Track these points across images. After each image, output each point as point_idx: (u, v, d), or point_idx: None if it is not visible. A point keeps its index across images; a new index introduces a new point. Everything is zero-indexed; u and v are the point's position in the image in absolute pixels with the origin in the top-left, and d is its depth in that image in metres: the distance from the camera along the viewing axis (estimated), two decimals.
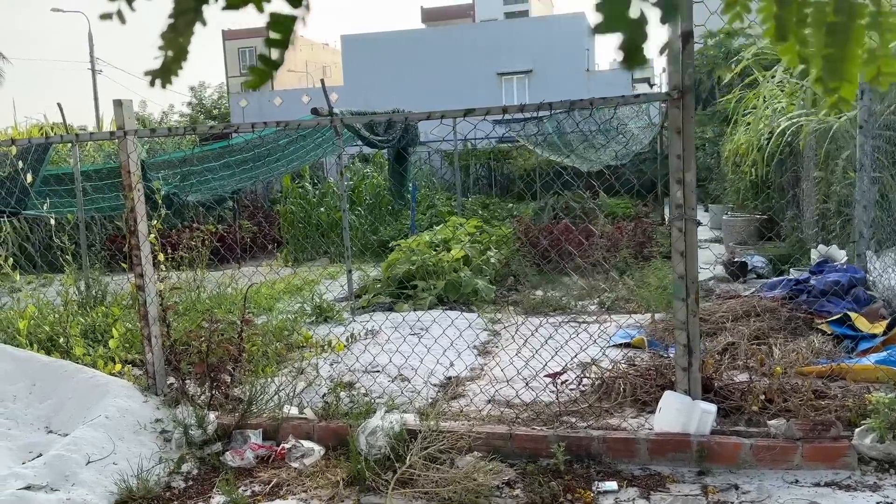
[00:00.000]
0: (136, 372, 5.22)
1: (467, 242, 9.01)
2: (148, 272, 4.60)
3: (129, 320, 5.75)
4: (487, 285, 8.15)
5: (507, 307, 7.68)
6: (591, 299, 7.90)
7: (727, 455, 3.69)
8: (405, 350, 5.54)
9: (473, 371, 5.35)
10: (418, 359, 5.19)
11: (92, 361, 4.90)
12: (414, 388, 4.90)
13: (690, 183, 3.75)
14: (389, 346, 5.78)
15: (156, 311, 4.68)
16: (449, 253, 8.61)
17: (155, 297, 4.67)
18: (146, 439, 4.13)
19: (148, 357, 4.66)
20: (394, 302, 8.00)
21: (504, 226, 11.52)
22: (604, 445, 3.80)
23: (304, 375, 5.19)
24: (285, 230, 14.01)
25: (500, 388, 4.73)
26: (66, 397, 4.43)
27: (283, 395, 4.51)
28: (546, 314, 7.30)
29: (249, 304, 7.51)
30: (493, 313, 7.36)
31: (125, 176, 4.51)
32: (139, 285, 4.59)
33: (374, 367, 5.29)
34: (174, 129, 4.40)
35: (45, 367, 4.62)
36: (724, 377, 4.34)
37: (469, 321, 6.68)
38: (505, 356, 5.37)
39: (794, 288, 5.79)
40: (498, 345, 6.05)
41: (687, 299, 3.78)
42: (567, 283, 8.69)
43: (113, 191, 8.97)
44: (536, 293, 8.40)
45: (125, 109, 4.49)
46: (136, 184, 4.54)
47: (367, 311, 7.91)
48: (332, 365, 5.46)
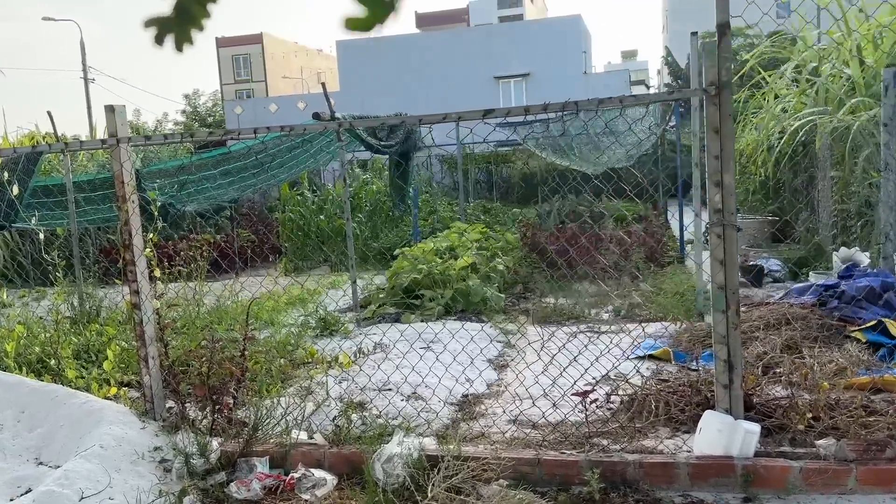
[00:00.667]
0: (133, 394, 4.93)
1: (474, 249, 8.72)
2: (144, 289, 4.31)
3: (125, 338, 5.45)
4: (497, 294, 7.86)
5: (518, 316, 7.39)
6: (605, 307, 7.62)
7: (775, 479, 3.41)
8: (418, 366, 5.24)
9: (491, 387, 5.06)
10: (432, 375, 4.90)
11: (85, 385, 4.60)
12: (430, 407, 4.60)
13: (729, 185, 3.48)
14: (400, 360, 5.49)
15: (153, 329, 4.39)
16: (456, 261, 8.33)
17: (152, 315, 4.38)
18: (144, 470, 3.83)
19: (145, 380, 4.36)
20: (400, 312, 7.71)
21: (510, 231, 11.25)
22: (640, 471, 3.51)
23: (311, 396, 4.89)
24: (284, 239, 13.72)
25: (522, 407, 4.44)
26: (58, 425, 4.13)
27: (290, 419, 4.21)
28: (560, 323, 7.02)
29: (251, 318, 7.25)
30: (505, 323, 7.08)
31: (118, 186, 4.22)
32: (135, 303, 4.30)
33: (386, 385, 5.00)
34: (170, 135, 4.12)
35: (35, 392, 4.32)
36: (763, 392, 4.06)
37: (481, 332, 6.41)
38: (523, 370, 5.08)
39: (824, 294, 5.52)
40: (514, 357, 5.76)
41: (727, 311, 3.50)
42: (578, 290, 8.41)
43: (106, 202, 8.67)
44: (547, 301, 8.12)
45: (118, 116, 4.20)
46: (131, 195, 4.25)
47: (372, 322, 7.62)
48: (341, 383, 5.16)
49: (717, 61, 3.42)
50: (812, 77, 9.53)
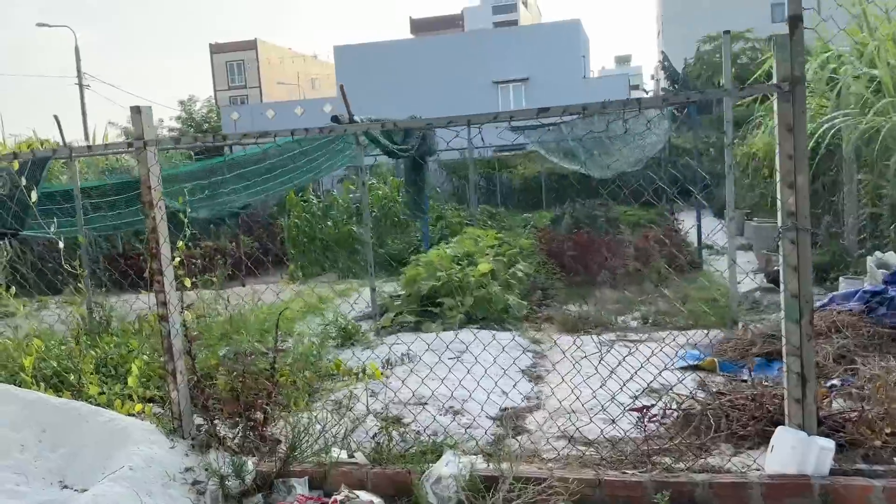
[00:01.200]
0: (156, 409, 4.69)
1: (492, 256, 8.52)
2: (172, 300, 4.08)
3: (144, 351, 5.22)
4: (519, 301, 7.66)
5: (542, 324, 7.19)
6: (630, 314, 7.43)
7: (854, 499, 3.21)
8: (449, 377, 5.03)
9: (530, 400, 4.85)
10: (465, 387, 4.69)
11: (107, 401, 4.36)
12: (468, 421, 4.38)
13: (803, 187, 3.29)
14: (429, 372, 5.28)
15: (181, 343, 4.16)
16: (473, 267, 8.12)
17: (180, 327, 4.15)
18: (177, 493, 3.60)
19: (173, 395, 4.13)
20: (420, 321, 7.49)
21: (524, 236, 11.05)
22: (710, 492, 3.30)
23: (344, 410, 4.67)
24: (291, 245, 13.49)
25: (568, 421, 4.23)
26: (82, 445, 3.89)
27: (328, 437, 3.98)
28: (587, 331, 6.82)
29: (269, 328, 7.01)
30: (529, 331, 6.88)
31: (145, 192, 4.00)
32: (162, 315, 4.07)
33: (421, 398, 4.78)
34: (202, 136, 3.90)
35: (56, 410, 4.08)
36: (828, 405, 3.86)
37: (509, 342, 6.19)
38: (561, 382, 4.87)
39: (871, 300, 5.34)
40: (548, 368, 5.55)
41: (801, 321, 3.30)
42: (599, 296, 8.22)
43: (113, 208, 8.42)
44: (569, 308, 7.92)
45: (144, 117, 3.98)
46: (158, 201, 4.02)
47: (391, 331, 7.41)
48: (373, 396, 4.94)
49: (790, 56, 3.23)
50: (835, 77, 9.37)
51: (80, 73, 36.52)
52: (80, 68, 36.52)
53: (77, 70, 36.54)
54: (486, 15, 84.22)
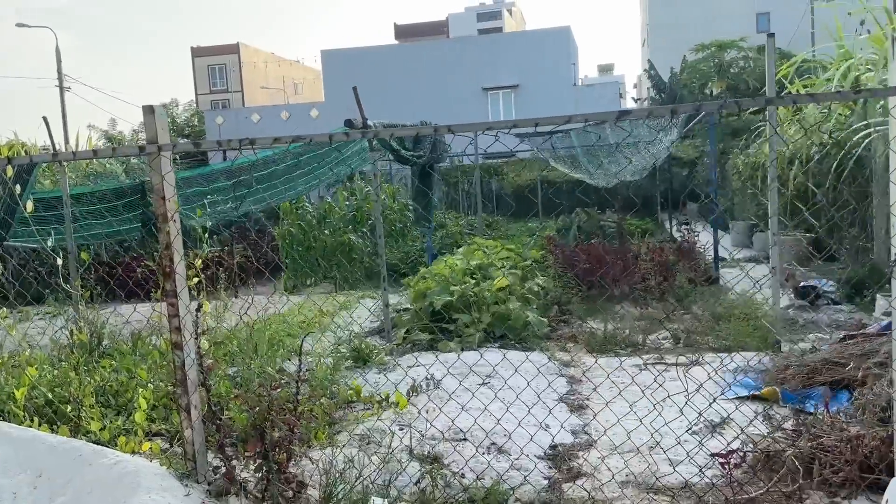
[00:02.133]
0: (162, 444, 4.20)
1: (508, 268, 8.09)
2: (188, 326, 3.60)
3: (146, 376, 4.70)
4: (539, 318, 7.23)
5: (567, 344, 6.77)
6: (657, 333, 7.03)
7: None
8: (481, 405, 4.58)
9: (578, 435, 4.41)
10: (505, 419, 4.24)
11: (110, 436, 3.86)
12: (519, 462, 3.93)
13: None
14: (454, 398, 4.84)
15: (195, 374, 3.68)
16: (490, 281, 7.69)
17: (195, 356, 3.67)
18: None
19: (187, 434, 3.64)
20: (435, 339, 7.03)
21: (530, 247, 10.64)
22: None
23: (372, 445, 4.21)
24: (284, 254, 12.97)
25: (628, 462, 3.80)
26: (84, 492, 3.39)
27: (366, 482, 3.52)
28: (616, 353, 6.41)
29: (281, 346, 6.52)
30: (555, 351, 6.45)
31: (158, 203, 3.52)
32: (176, 342, 3.58)
33: (457, 432, 4.33)
34: (227, 141, 3.44)
35: (54, 450, 3.58)
36: None
37: (540, 365, 5.77)
38: (608, 413, 4.45)
39: None
40: (587, 395, 5.12)
41: None
42: (620, 312, 7.82)
43: (101, 217, 7.88)
44: (589, 325, 7.51)
45: (158, 118, 3.50)
46: (173, 213, 3.54)
47: (404, 349, 6.95)
48: (402, 429, 4.48)
49: None
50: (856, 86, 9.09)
51: (60, 75, 35.64)
52: (61, 70, 35.64)
53: (57, 72, 35.66)
54: (471, 22, 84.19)
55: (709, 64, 26.72)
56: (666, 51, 41.09)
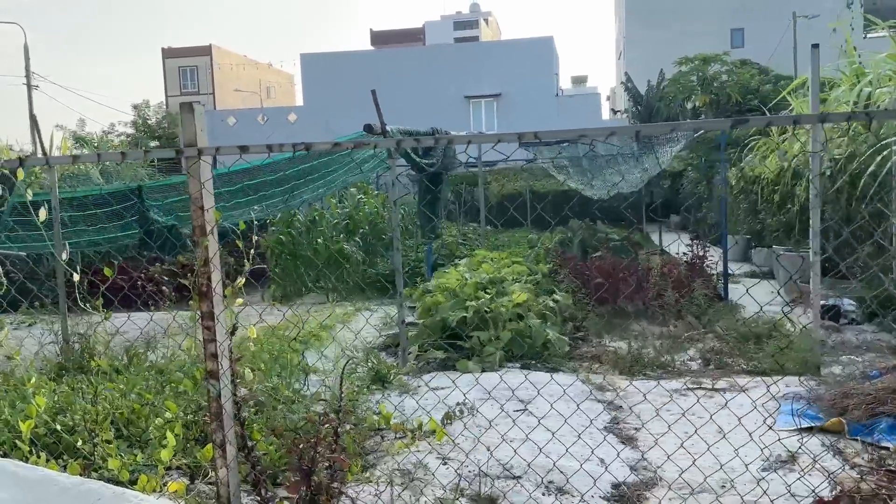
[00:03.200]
0: (183, 479, 3.77)
1: (523, 283, 7.76)
2: (225, 350, 3.19)
3: (162, 401, 4.26)
4: (559, 336, 6.91)
5: (592, 364, 6.45)
6: (681, 352, 6.75)
7: None
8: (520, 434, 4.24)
9: (638, 471, 4.07)
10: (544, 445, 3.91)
11: (129, 475, 3.42)
12: (576, 501, 3.59)
13: None
14: (497, 425, 4.50)
15: (231, 406, 3.27)
16: (506, 296, 7.34)
17: (230, 386, 3.26)
18: None
19: (221, 474, 3.23)
20: (453, 357, 6.67)
21: (534, 259, 10.32)
22: None
23: (416, 482, 3.83)
24: (273, 263, 12.49)
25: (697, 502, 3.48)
26: None
27: None
28: (646, 374, 6.11)
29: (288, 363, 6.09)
30: (584, 372, 6.13)
31: (196, 214, 3.11)
32: (212, 371, 3.17)
33: (508, 467, 3.97)
34: (279, 146, 3.05)
35: (67, 492, 3.13)
36: None
37: (573, 387, 5.44)
38: (663, 444, 4.14)
39: None
40: (633, 423, 4.79)
41: None
42: (639, 330, 7.54)
43: (95, 223, 7.37)
44: (608, 343, 7.22)
45: (197, 118, 3.10)
46: (213, 226, 3.14)
47: (419, 368, 6.57)
48: (446, 463, 4.11)
49: None
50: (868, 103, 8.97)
51: (28, 73, 34.54)
52: (29, 67, 34.55)
53: (25, 70, 34.55)
54: (447, 30, 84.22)
55: (690, 77, 26.75)
56: (641, 64, 41.39)
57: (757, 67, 29.38)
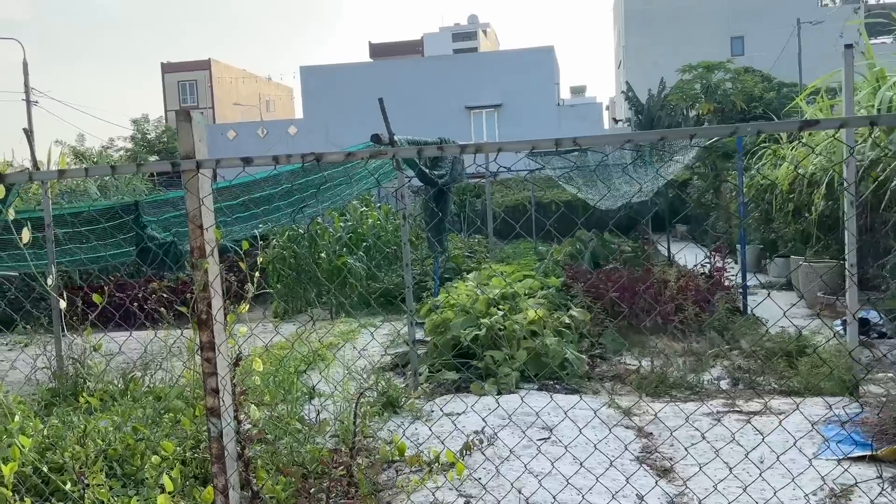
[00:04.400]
0: None
1: (538, 298, 7.44)
2: (227, 385, 2.87)
3: (158, 435, 3.93)
4: (578, 355, 6.58)
5: (615, 385, 6.12)
6: (706, 371, 6.41)
7: None
8: (545, 466, 3.91)
9: None
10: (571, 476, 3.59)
11: None
12: None
13: None
14: (520, 455, 4.18)
15: (234, 447, 2.94)
16: (520, 313, 7.02)
17: (233, 424, 2.94)
18: None
19: None
20: (466, 378, 6.33)
21: (543, 272, 10.00)
22: None
23: None
24: (275, 279, 12.17)
25: None
26: None
27: None
28: (672, 396, 5.78)
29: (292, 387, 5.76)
30: (607, 395, 5.80)
31: (194, 233, 2.80)
32: (212, 408, 2.84)
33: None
34: (286, 156, 2.74)
35: None
36: None
37: (589, 410, 5.10)
38: (703, 476, 3.81)
39: None
40: (665, 453, 4.45)
41: None
42: (658, 347, 7.20)
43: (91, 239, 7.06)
44: (627, 362, 6.89)
45: (195, 127, 2.79)
46: (214, 247, 2.82)
47: (431, 390, 6.24)
48: (468, 502, 3.77)
49: None
50: None
51: (27, 88, 34.32)
52: (28, 83, 34.33)
53: (25, 86, 34.33)
54: (446, 42, 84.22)
55: (693, 85, 26.53)
56: (641, 72, 41.26)
57: (760, 75, 29.20)
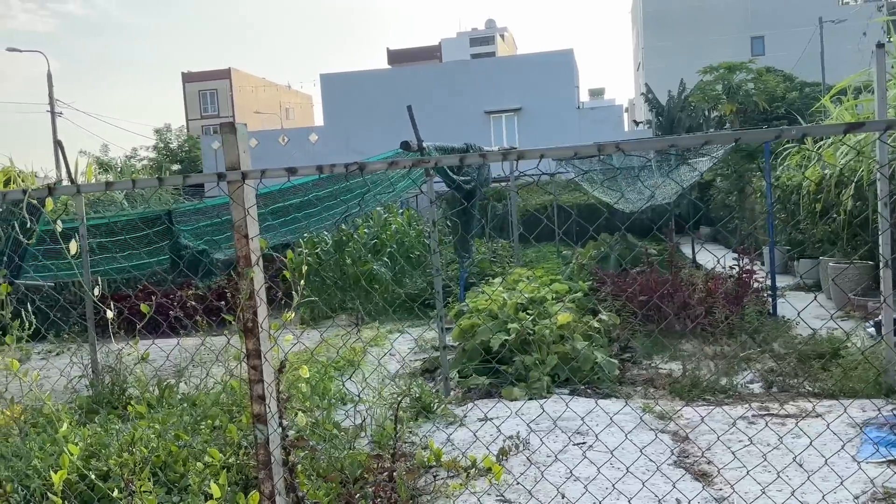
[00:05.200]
0: None
1: (566, 302, 7.43)
2: (272, 391, 2.90)
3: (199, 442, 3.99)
4: (608, 359, 6.56)
5: (647, 389, 6.09)
6: (738, 374, 6.37)
7: None
8: (577, 470, 3.91)
9: None
10: (623, 492, 3.58)
11: None
12: None
13: None
14: (557, 459, 4.18)
15: (280, 453, 2.98)
16: (549, 317, 7.02)
17: (279, 430, 2.97)
18: None
19: None
20: (498, 383, 6.34)
21: (568, 275, 9.99)
22: None
23: None
24: (300, 284, 12.26)
25: None
26: None
27: None
28: (706, 399, 5.74)
29: (326, 392, 5.81)
30: (640, 399, 5.78)
31: (240, 243, 2.84)
32: (258, 414, 2.89)
33: None
34: (330, 166, 2.78)
35: None
36: None
37: (629, 416, 5.09)
38: (743, 481, 3.79)
39: None
40: (703, 456, 4.43)
41: None
42: (689, 350, 7.16)
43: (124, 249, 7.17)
44: (658, 365, 6.86)
45: (240, 139, 2.84)
46: (259, 256, 2.87)
47: (463, 395, 6.25)
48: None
49: None
50: None
51: (52, 99, 34.92)
52: (53, 95, 34.93)
53: (49, 97, 34.94)
54: (464, 47, 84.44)
55: (714, 86, 26.30)
56: (661, 74, 41.06)
57: (782, 75, 28.91)
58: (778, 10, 46.27)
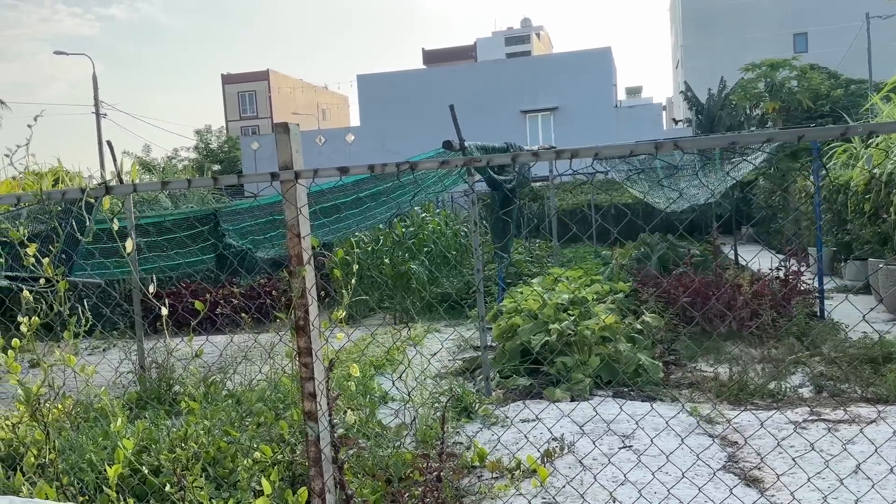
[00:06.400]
0: None
1: (608, 303, 7.35)
2: (323, 389, 2.92)
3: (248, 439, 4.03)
4: (652, 361, 6.47)
5: (693, 393, 5.99)
6: (787, 377, 6.23)
7: None
8: (634, 476, 3.86)
9: None
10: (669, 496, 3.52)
11: None
12: None
13: None
14: (603, 463, 4.14)
15: (330, 451, 2.99)
16: (591, 318, 6.95)
17: (329, 428, 2.99)
18: None
19: None
20: (540, 384, 6.30)
21: (607, 275, 9.88)
22: None
23: None
24: (336, 285, 12.34)
25: None
26: None
27: None
28: (755, 404, 5.62)
29: (369, 390, 5.83)
30: (687, 402, 5.68)
31: (292, 242, 2.86)
32: (310, 412, 2.90)
33: None
34: (381, 165, 2.79)
35: None
36: None
37: (676, 420, 5.02)
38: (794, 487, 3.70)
39: None
40: (753, 461, 4.34)
41: None
42: (735, 353, 7.03)
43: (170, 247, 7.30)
44: (703, 368, 6.74)
45: (293, 139, 2.86)
46: (311, 256, 2.89)
47: (504, 395, 6.22)
48: None
49: None
50: None
51: (97, 102, 35.74)
52: (98, 97, 35.75)
53: (94, 99, 35.77)
54: (499, 46, 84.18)
55: (756, 84, 25.87)
56: (700, 72, 40.44)
57: (826, 72, 28.29)
58: (821, 6, 45.23)
